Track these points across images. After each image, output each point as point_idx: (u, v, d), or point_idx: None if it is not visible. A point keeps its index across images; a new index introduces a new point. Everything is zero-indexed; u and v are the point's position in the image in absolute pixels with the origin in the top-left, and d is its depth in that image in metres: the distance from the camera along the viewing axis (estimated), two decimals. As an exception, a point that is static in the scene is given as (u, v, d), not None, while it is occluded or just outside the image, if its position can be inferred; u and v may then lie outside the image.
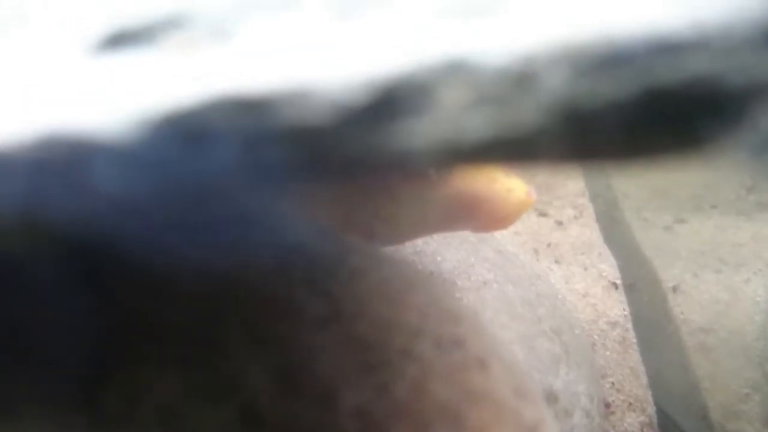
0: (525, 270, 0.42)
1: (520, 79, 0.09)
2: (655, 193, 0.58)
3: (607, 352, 0.43)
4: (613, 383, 0.41)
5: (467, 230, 0.34)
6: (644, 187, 0.58)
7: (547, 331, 0.33)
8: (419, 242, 0.38)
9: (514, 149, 0.10)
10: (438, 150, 0.10)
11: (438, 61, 0.10)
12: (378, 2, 0.13)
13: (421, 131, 0.10)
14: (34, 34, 0.13)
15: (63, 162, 0.10)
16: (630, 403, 0.39)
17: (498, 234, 0.50)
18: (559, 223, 0.62)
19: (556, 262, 0.54)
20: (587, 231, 0.61)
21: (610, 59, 0.09)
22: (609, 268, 0.52)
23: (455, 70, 0.10)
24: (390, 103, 0.10)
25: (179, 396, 0.14)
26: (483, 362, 0.18)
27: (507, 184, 0.32)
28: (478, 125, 0.10)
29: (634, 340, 0.44)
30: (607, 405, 0.39)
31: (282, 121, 0.10)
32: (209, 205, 0.11)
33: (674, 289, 0.43)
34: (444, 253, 0.37)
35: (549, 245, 0.58)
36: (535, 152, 0.10)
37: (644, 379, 0.41)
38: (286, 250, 0.19)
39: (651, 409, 0.39)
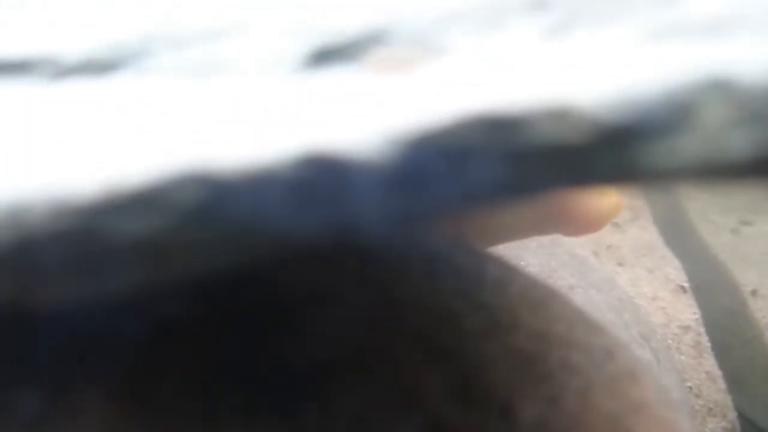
0: (599, 274, 0.42)
1: (787, 97, 0.09)
2: (717, 195, 0.57)
3: (682, 357, 0.43)
4: (690, 388, 0.40)
5: (557, 234, 0.34)
6: (704, 189, 0.58)
7: (637, 337, 0.33)
8: (500, 246, 0.38)
9: (776, 168, 0.10)
10: (697, 169, 0.10)
11: (700, 80, 0.10)
12: (589, 19, 0.12)
13: (681, 150, 0.10)
14: (236, 54, 0.14)
15: (323, 180, 0.10)
16: (710, 408, 0.39)
17: (556, 237, 0.50)
18: (616, 225, 0.62)
19: (619, 264, 0.54)
20: (646, 233, 0.60)
21: None
22: (674, 271, 0.51)
23: (718, 89, 0.10)
24: (649, 121, 0.10)
25: (369, 407, 0.14)
26: (634, 374, 0.18)
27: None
28: (741, 144, 0.10)
29: (708, 345, 0.43)
30: (690, 411, 0.38)
31: (539, 140, 0.10)
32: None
33: (753, 293, 0.43)
34: (526, 257, 0.37)
35: (609, 247, 0.57)
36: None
37: (722, 384, 0.41)
38: (432, 260, 0.19)
39: (732, 415, 0.39)
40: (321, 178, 0.10)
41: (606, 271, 0.45)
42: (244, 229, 0.10)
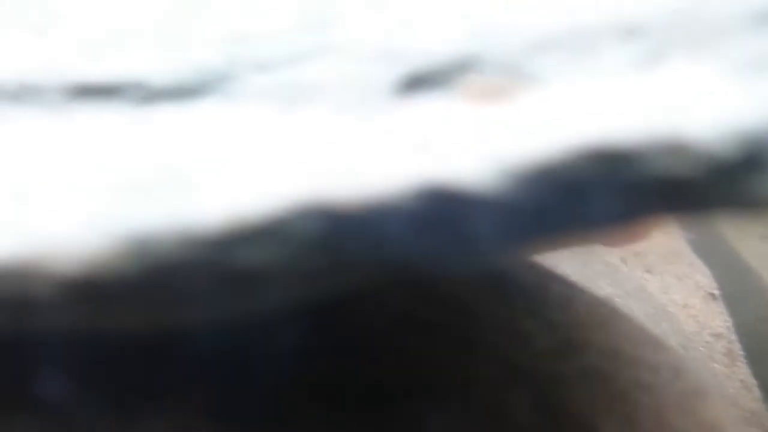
0: (633, 282, 0.42)
1: None
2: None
3: (715, 365, 0.42)
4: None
5: (599, 243, 0.34)
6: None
7: (676, 347, 0.33)
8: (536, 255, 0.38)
9: None
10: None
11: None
12: (681, 47, 0.13)
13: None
14: (322, 78, 0.14)
15: (443, 213, 0.10)
16: (746, 418, 0.39)
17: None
18: (642, 231, 0.61)
19: (648, 271, 0.54)
20: (672, 240, 0.60)
21: None
22: (704, 278, 0.51)
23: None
24: (761, 154, 0.10)
25: (455, 427, 0.14)
26: (700, 391, 0.19)
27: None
28: None
29: (741, 353, 0.43)
30: (726, 420, 0.38)
31: (654, 173, 0.10)
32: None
33: (788, 301, 0.43)
34: (563, 266, 0.37)
35: (636, 254, 0.57)
36: None
37: (757, 393, 0.41)
38: (500, 278, 0.19)
39: (768, 424, 0.39)
40: (441, 211, 0.10)
41: (638, 279, 0.45)
42: (365, 260, 0.10)
